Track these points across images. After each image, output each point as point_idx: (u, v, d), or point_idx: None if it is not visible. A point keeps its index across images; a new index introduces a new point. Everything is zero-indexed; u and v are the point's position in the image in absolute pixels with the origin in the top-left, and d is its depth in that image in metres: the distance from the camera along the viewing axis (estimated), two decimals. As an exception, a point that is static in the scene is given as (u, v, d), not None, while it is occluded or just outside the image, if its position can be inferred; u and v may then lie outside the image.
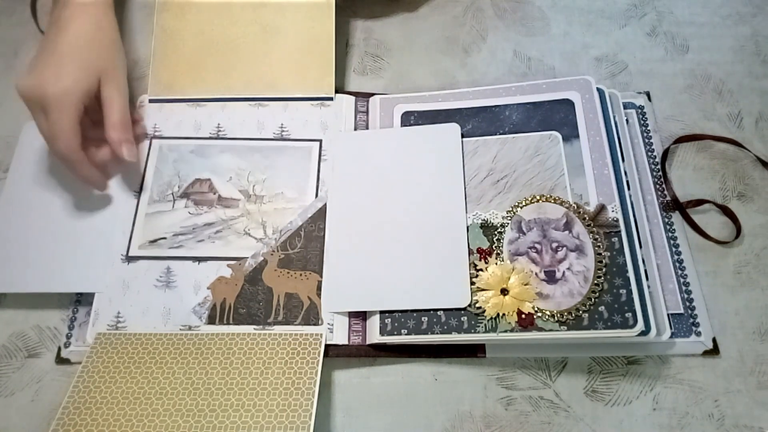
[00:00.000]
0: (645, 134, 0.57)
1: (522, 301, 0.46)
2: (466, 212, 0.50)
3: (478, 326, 0.46)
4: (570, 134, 0.53)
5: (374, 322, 0.48)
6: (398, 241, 0.49)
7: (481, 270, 0.48)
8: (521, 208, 0.50)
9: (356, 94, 0.60)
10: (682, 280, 0.50)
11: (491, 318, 0.46)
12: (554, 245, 0.48)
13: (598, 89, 0.54)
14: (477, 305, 0.47)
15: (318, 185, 0.54)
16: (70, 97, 0.47)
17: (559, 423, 0.46)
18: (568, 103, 0.54)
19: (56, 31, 0.50)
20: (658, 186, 0.55)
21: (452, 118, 0.55)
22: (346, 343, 0.48)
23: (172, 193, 0.54)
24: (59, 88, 0.47)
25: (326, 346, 0.47)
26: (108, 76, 0.50)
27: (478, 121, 0.55)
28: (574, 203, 0.50)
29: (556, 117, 0.54)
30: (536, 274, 0.47)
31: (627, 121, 0.57)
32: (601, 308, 0.45)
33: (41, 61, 0.49)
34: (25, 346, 0.50)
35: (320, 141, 0.56)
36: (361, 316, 0.49)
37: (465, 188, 0.51)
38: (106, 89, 0.50)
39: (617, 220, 0.48)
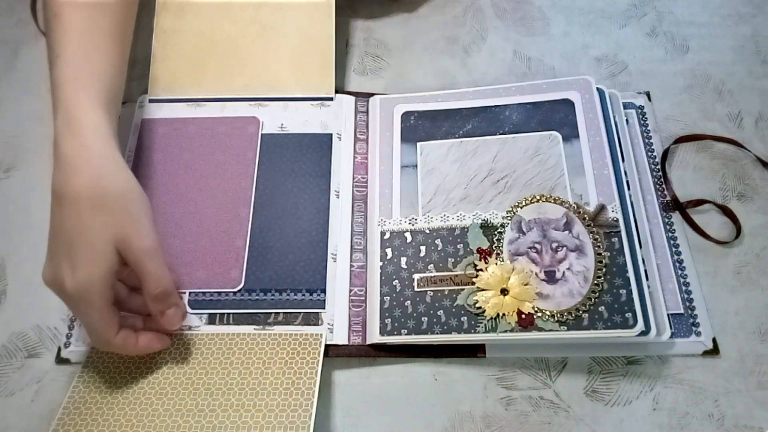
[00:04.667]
0: (645, 134, 0.57)
1: (522, 301, 0.46)
2: None
3: (478, 326, 0.46)
4: (570, 134, 0.53)
5: (374, 322, 0.48)
6: None
7: (481, 270, 0.48)
8: (521, 208, 0.50)
9: (356, 94, 0.60)
10: (682, 280, 0.50)
11: (491, 318, 0.46)
12: (554, 245, 0.48)
13: (598, 89, 0.55)
14: (477, 305, 0.47)
15: (318, 185, 0.54)
16: (93, 288, 0.40)
17: (559, 423, 0.46)
18: (568, 103, 0.54)
19: (58, 190, 0.41)
20: (658, 186, 0.55)
21: (452, 118, 0.55)
22: (346, 343, 0.48)
23: (172, 193, 0.54)
24: (76, 282, 0.39)
25: (326, 346, 0.47)
26: (128, 240, 0.41)
27: (478, 121, 0.55)
28: (574, 203, 0.50)
29: (556, 117, 0.54)
30: (536, 274, 0.47)
31: (627, 121, 0.57)
32: (601, 308, 0.45)
33: (52, 241, 0.42)
34: (25, 346, 0.50)
35: (320, 141, 0.56)
36: (362, 315, 0.49)
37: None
38: (132, 256, 0.41)
39: (617, 220, 0.48)
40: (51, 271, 0.41)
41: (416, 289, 0.48)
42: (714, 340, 0.48)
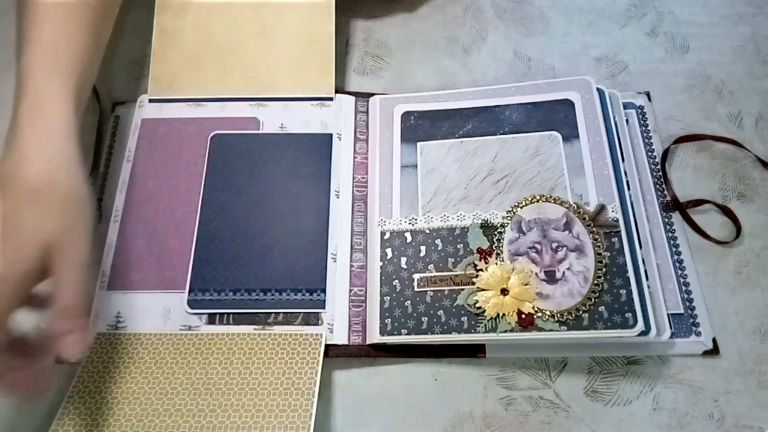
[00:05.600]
0: (645, 134, 0.57)
1: (522, 301, 0.46)
2: None
3: (478, 326, 0.46)
4: (570, 134, 0.53)
5: (374, 322, 0.48)
6: None
7: (481, 270, 0.48)
8: (521, 208, 0.50)
9: (356, 94, 0.60)
10: (682, 280, 0.50)
11: (491, 318, 0.46)
12: (554, 245, 0.48)
13: (598, 89, 0.54)
14: (477, 305, 0.47)
15: (318, 185, 0.54)
16: (4, 286, 0.36)
17: (559, 423, 0.46)
18: (568, 104, 0.54)
19: (5, 175, 0.39)
20: (658, 186, 0.55)
21: (452, 118, 0.55)
22: (346, 343, 0.48)
23: (172, 193, 0.54)
24: None
25: (326, 346, 0.47)
26: (58, 247, 0.38)
27: (478, 121, 0.55)
28: (574, 203, 0.50)
29: (556, 117, 0.54)
30: (536, 274, 0.47)
31: (627, 121, 0.57)
32: (601, 308, 0.45)
33: None
34: (25, 346, 0.50)
35: (320, 141, 0.56)
36: (362, 315, 0.49)
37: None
38: (60, 264, 0.38)
39: (617, 220, 0.48)
40: None
41: (416, 289, 0.48)
42: (714, 340, 0.48)
